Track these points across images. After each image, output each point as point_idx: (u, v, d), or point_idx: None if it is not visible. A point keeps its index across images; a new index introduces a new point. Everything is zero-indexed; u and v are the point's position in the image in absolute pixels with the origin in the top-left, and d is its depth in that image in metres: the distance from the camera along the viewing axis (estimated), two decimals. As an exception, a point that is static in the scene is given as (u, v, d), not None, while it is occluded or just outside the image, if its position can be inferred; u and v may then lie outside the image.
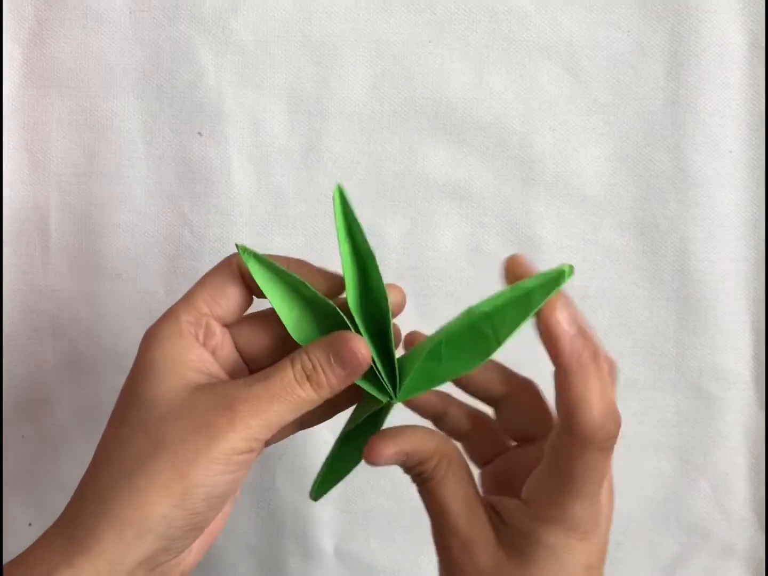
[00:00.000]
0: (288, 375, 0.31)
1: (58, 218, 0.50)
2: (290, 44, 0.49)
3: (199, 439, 0.29)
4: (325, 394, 0.31)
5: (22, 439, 0.52)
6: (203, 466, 0.29)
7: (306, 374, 0.31)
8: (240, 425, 0.29)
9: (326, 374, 0.31)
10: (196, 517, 0.30)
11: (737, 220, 0.50)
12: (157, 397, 0.30)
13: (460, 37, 0.49)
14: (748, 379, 0.51)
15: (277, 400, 0.30)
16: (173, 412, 0.30)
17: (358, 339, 0.31)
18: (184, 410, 0.30)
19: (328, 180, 0.50)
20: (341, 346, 0.31)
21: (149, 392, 0.31)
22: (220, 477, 0.30)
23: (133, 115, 0.50)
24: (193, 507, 0.29)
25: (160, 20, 0.49)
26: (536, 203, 0.50)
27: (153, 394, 0.30)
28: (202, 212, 0.50)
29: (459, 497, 0.32)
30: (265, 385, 0.31)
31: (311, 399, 0.31)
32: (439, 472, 0.32)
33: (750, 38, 0.49)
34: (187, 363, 0.31)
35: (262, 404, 0.30)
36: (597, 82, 0.49)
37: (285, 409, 0.31)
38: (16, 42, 0.50)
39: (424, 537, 0.52)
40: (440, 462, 0.33)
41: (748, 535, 0.52)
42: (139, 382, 0.31)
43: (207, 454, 0.29)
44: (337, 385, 0.31)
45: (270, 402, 0.30)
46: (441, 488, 0.32)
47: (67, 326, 0.51)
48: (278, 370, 0.31)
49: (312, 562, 0.52)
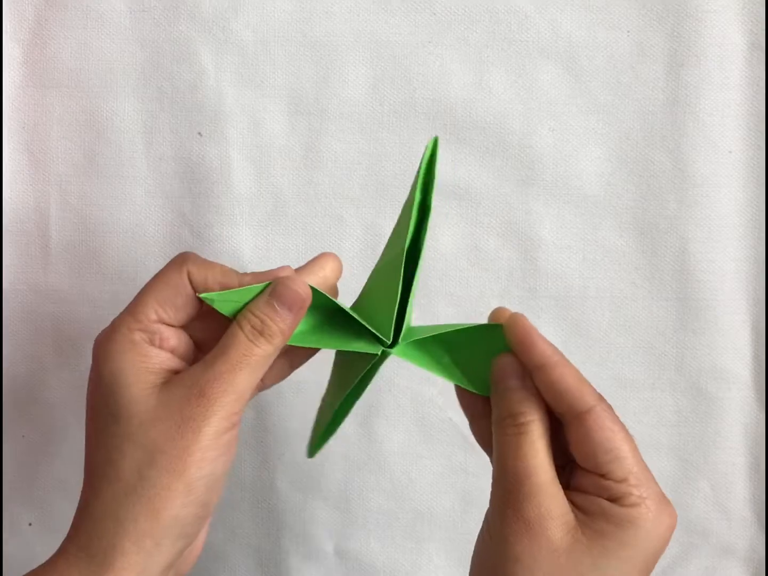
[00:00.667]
0: (240, 339, 0.32)
1: (58, 218, 0.50)
2: (290, 44, 0.49)
3: (185, 434, 0.30)
4: (280, 342, 0.33)
5: (22, 439, 0.52)
6: (198, 458, 0.30)
7: (257, 330, 0.32)
8: (216, 408, 0.31)
9: (276, 322, 0.32)
10: (201, 507, 0.31)
11: (737, 220, 0.50)
12: (130, 407, 0.31)
13: (459, 38, 0.49)
14: (747, 379, 0.51)
15: (240, 368, 0.31)
16: (151, 416, 0.31)
17: (293, 278, 0.33)
18: (160, 412, 0.31)
19: (328, 180, 0.50)
20: (282, 290, 0.32)
21: (121, 405, 0.31)
22: (215, 461, 0.31)
23: (133, 115, 0.50)
24: (198, 498, 0.31)
25: (160, 20, 0.49)
26: (536, 203, 0.50)
27: (125, 405, 0.31)
28: (202, 212, 0.50)
29: (548, 462, 0.32)
30: (224, 359, 0.31)
31: (269, 352, 0.32)
32: (537, 431, 0.32)
33: (750, 38, 0.49)
34: (149, 368, 0.32)
35: (227, 378, 0.31)
36: (597, 82, 0.49)
37: (249, 373, 0.32)
38: (16, 42, 0.50)
39: (424, 537, 0.53)
40: (543, 420, 0.32)
41: (748, 535, 0.52)
42: (107, 397, 0.32)
43: (197, 446, 0.30)
44: (288, 329, 0.32)
45: (234, 373, 0.31)
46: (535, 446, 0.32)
47: (67, 326, 0.51)
48: (231, 339, 0.32)
49: (312, 562, 0.52)
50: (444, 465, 0.51)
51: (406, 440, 0.52)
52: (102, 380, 0.32)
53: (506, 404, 0.33)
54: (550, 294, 0.50)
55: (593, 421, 0.31)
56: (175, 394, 0.31)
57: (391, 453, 0.51)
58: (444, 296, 0.50)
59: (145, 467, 0.30)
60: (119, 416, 0.31)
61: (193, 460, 0.30)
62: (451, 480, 0.51)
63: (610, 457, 0.31)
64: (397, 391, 0.51)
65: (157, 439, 0.30)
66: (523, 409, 0.32)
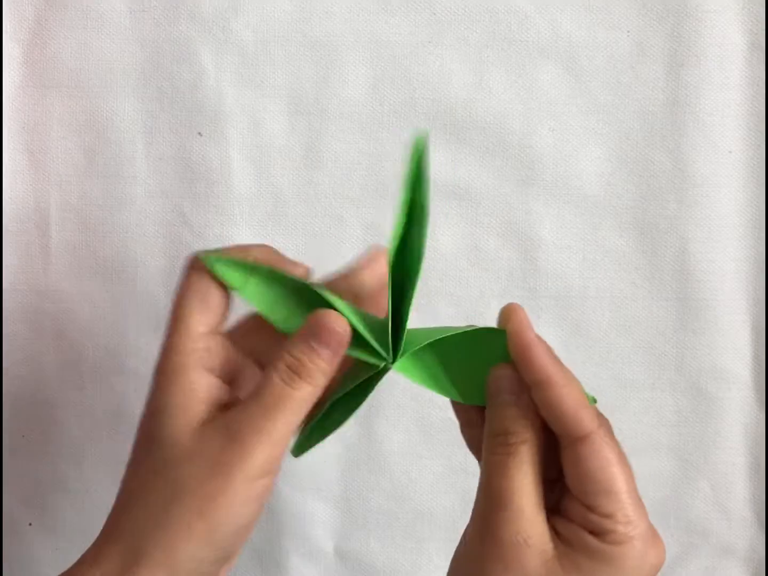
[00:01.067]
0: (276, 383, 0.30)
1: (58, 218, 0.50)
2: (290, 44, 0.49)
3: (216, 479, 0.29)
4: (321, 381, 0.31)
5: (22, 439, 0.52)
6: (225, 504, 0.29)
7: (294, 371, 0.31)
8: (250, 456, 0.29)
9: (314, 362, 0.31)
10: (224, 550, 0.30)
11: (737, 220, 0.50)
12: (170, 438, 0.30)
13: (459, 37, 0.49)
14: (747, 379, 0.51)
15: (276, 414, 0.30)
16: (187, 453, 0.30)
17: (331, 314, 0.31)
18: (196, 451, 0.30)
19: (328, 180, 0.50)
20: (319, 328, 0.31)
21: (163, 433, 0.31)
22: (243, 509, 0.30)
23: (133, 115, 0.50)
24: (220, 543, 0.30)
25: (160, 20, 0.49)
26: (536, 203, 0.50)
27: (167, 434, 0.31)
28: (202, 212, 0.50)
29: (533, 488, 0.30)
30: (259, 403, 0.30)
31: (308, 394, 0.31)
32: (527, 452, 0.31)
33: (750, 38, 0.49)
34: (197, 396, 0.31)
35: (262, 425, 0.30)
36: (597, 82, 0.49)
37: (287, 418, 0.30)
38: (16, 42, 0.50)
39: (424, 537, 0.53)
40: (535, 441, 0.31)
41: (748, 535, 0.52)
42: (153, 422, 0.31)
43: (226, 493, 0.29)
44: (328, 367, 0.31)
45: (269, 419, 0.30)
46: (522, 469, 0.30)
47: (67, 326, 0.51)
48: (266, 383, 0.31)
49: (312, 562, 0.52)
50: (444, 465, 0.51)
51: (406, 440, 0.52)
52: (155, 402, 0.31)
53: (498, 421, 0.31)
54: (550, 294, 0.50)
55: (587, 450, 0.29)
56: (212, 437, 0.30)
57: (391, 453, 0.51)
58: (444, 296, 0.50)
59: (172, 503, 0.30)
60: (159, 443, 0.31)
61: (218, 505, 0.29)
62: (451, 480, 0.51)
63: (598, 489, 0.29)
64: (397, 391, 0.51)
65: (188, 478, 0.30)
66: (515, 428, 0.31)
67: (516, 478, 0.30)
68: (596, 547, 0.29)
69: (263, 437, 0.30)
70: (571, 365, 0.31)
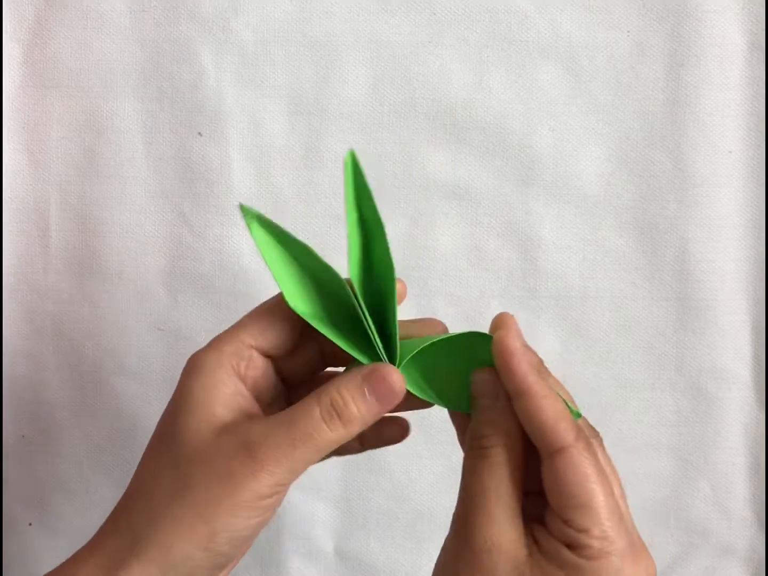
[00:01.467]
0: (314, 416, 0.30)
1: (58, 218, 0.50)
2: (290, 44, 0.49)
3: (222, 486, 0.29)
4: (356, 430, 0.30)
5: (22, 439, 0.52)
6: (228, 512, 0.29)
7: (336, 412, 0.30)
8: (262, 475, 0.29)
9: (360, 410, 0.30)
10: (221, 557, 0.30)
11: (737, 220, 0.50)
12: (186, 435, 0.30)
13: (459, 38, 0.49)
14: (747, 379, 0.51)
15: (302, 446, 0.29)
16: (199, 454, 0.30)
17: (394, 371, 0.30)
18: (209, 454, 0.30)
19: (328, 180, 0.50)
20: (380, 381, 0.30)
21: (180, 429, 0.30)
22: (245, 522, 0.29)
23: (133, 115, 0.50)
24: (218, 549, 0.30)
25: (160, 20, 0.49)
26: (536, 203, 0.50)
27: (183, 431, 0.30)
28: (202, 212, 0.50)
29: (508, 492, 0.30)
30: (288, 430, 0.29)
31: (340, 438, 0.30)
32: (500, 457, 0.30)
33: (750, 38, 0.49)
34: (220, 397, 0.31)
35: (284, 451, 0.29)
36: (597, 82, 0.49)
37: (312, 453, 0.30)
38: (16, 42, 0.50)
39: (424, 537, 0.52)
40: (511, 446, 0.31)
41: (748, 535, 0.52)
42: (174, 416, 0.31)
43: (231, 501, 0.29)
44: (371, 420, 0.30)
45: (293, 448, 0.29)
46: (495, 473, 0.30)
47: (67, 326, 0.51)
48: (303, 411, 0.30)
49: (312, 562, 0.52)
50: (444, 465, 0.51)
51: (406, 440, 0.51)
52: (180, 395, 0.31)
53: (475, 424, 0.31)
54: (550, 294, 0.50)
55: (563, 463, 0.28)
56: (227, 444, 0.29)
57: (391, 453, 0.51)
58: (444, 296, 0.50)
59: (174, 501, 0.29)
60: (174, 439, 0.30)
61: (222, 511, 0.29)
62: (451, 480, 0.51)
63: (574, 503, 0.28)
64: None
65: (195, 479, 0.29)
66: (488, 432, 0.30)
67: (488, 481, 0.30)
68: (570, 560, 0.28)
69: (282, 464, 0.29)
70: (571, 365, 0.31)
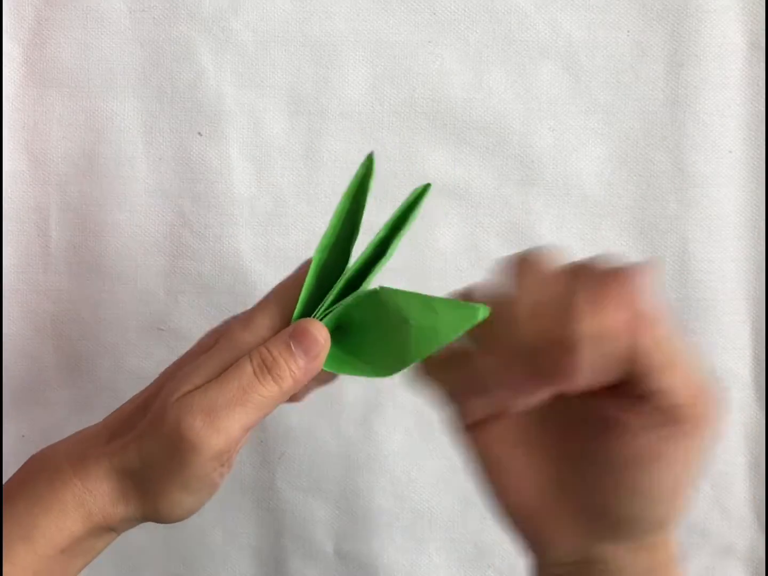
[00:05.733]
0: (246, 372, 0.30)
1: (58, 218, 0.50)
2: (290, 44, 0.49)
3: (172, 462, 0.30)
4: (289, 388, 0.31)
5: (22, 439, 0.52)
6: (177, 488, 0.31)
7: (267, 366, 0.30)
8: (202, 448, 0.30)
9: (288, 363, 0.31)
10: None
11: (737, 220, 0.50)
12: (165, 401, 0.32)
13: (459, 37, 0.49)
14: (747, 379, 0.51)
15: (236, 406, 0.30)
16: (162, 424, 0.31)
17: (314, 322, 0.31)
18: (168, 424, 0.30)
19: (328, 180, 0.50)
20: (301, 332, 0.31)
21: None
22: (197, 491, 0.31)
23: (133, 115, 0.50)
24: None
25: (160, 20, 0.49)
26: (536, 203, 0.50)
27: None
28: (202, 212, 0.50)
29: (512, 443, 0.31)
30: (221, 390, 0.30)
31: (273, 394, 0.31)
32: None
33: (750, 38, 0.49)
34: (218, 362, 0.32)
35: (220, 416, 0.30)
36: (597, 82, 0.49)
37: (247, 413, 0.30)
38: (16, 42, 0.50)
39: (424, 537, 0.52)
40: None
41: (748, 535, 0.52)
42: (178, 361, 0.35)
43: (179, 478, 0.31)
44: (301, 376, 0.31)
45: (228, 409, 0.30)
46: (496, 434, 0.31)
47: (67, 326, 0.51)
48: (236, 369, 0.31)
49: (312, 562, 0.52)
50: (444, 465, 0.51)
51: (406, 440, 0.51)
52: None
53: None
54: (550, 294, 0.50)
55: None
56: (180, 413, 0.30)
57: (391, 453, 0.51)
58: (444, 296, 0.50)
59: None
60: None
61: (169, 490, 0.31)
62: (451, 480, 0.51)
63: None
64: (397, 391, 0.51)
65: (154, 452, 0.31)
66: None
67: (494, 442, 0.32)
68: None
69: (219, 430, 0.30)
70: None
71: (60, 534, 0.31)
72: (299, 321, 0.31)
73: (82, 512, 0.31)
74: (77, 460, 0.32)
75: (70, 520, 0.31)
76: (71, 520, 0.31)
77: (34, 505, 0.31)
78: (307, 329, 0.31)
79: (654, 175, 0.50)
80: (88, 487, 0.31)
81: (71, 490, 0.31)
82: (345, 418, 0.51)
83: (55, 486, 0.31)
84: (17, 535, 0.30)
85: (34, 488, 0.31)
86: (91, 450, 0.32)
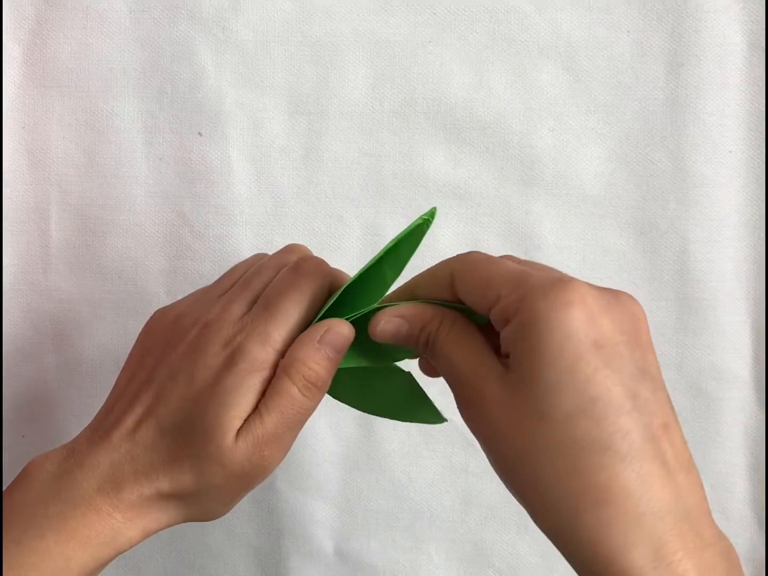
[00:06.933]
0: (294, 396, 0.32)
1: (58, 218, 0.50)
2: (290, 44, 0.49)
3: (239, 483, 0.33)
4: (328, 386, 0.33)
5: (22, 439, 0.52)
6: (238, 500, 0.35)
7: (312, 384, 0.33)
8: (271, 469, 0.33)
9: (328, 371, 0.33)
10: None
11: (737, 220, 0.50)
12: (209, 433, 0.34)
13: (460, 37, 0.49)
14: (747, 379, 0.51)
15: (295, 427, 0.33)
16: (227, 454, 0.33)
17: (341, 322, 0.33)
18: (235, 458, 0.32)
19: (328, 180, 0.50)
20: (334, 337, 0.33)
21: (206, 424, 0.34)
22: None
23: (133, 115, 0.50)
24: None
25: (160, 20, 0.49)
26: (536, 203, 0.50)
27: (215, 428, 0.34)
28: (202, 212, 0.50)
29: (467, 345, 0.31)
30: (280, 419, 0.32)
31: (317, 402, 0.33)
32: (444, 330, 0.32)
33: (750, 38, 0.49)
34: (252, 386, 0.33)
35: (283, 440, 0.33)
36: (597, 82, 0.49)
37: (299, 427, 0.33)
38: (16, 42, 0.50)
39: (424, 537, 0.53)
40: (443, 321, 0.32)
41: (748, 535, 0.52)
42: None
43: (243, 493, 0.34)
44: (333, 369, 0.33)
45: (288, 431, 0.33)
46: (447, 343, 0.32)
47: (67, 326, 0.51)
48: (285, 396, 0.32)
49: (312, 562, 0.52)
50: (444, 465, 0.51)
51: (406, 440, 0.51)
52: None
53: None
54: (550, 294, 0.50)
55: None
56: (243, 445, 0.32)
57: (391, 453, 0.51)
58: (444, 296, 0.50)
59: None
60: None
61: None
62: (451, 480, 0.51)
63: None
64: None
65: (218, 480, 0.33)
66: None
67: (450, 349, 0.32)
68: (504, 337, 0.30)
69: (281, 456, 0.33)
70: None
71: (95, 562, 0.32)
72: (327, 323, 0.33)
73: (122, 541, 0.32)
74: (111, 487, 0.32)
75: (108, 549, 0.32)
76: (110, 548, 0.32)
77: (69, 539, 0.31)
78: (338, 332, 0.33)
79: (654, 175, 0.50)
80: (129, 516, 0.32)
81: (110, 525, 0.31)
82: (345, 418, 0.51)
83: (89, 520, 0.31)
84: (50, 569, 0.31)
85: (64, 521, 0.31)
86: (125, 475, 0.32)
